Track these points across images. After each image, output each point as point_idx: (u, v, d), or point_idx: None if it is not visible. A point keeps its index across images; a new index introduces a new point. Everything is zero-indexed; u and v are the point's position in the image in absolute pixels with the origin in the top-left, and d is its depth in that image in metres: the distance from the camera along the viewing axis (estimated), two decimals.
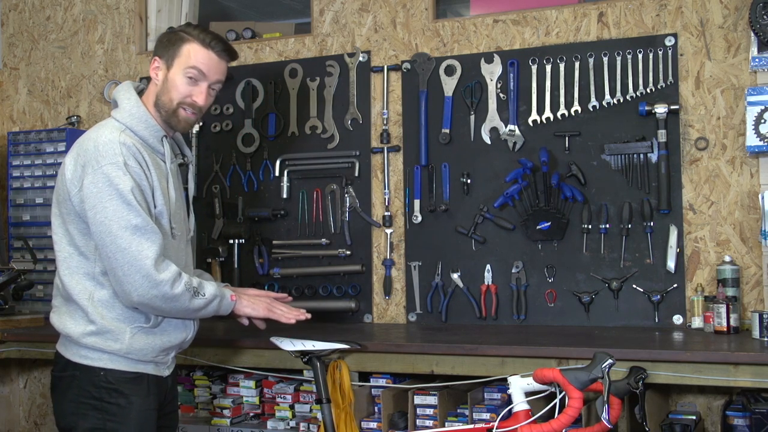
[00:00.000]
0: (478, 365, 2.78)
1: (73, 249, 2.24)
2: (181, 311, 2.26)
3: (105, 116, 4.12)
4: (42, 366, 4.09)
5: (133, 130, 2.28)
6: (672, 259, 3.17)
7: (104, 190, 2.15)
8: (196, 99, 2.34)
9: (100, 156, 2.17)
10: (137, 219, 2.15)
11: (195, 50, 2.31)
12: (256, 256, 3.77)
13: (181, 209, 2.41)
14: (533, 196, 3.35)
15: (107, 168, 2.16)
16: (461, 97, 3.54)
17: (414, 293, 3.55)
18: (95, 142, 2.20)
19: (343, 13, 3.78)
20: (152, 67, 2.35)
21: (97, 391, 2.22)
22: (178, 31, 2.36)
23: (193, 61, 2.31)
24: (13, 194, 4.04)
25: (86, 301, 2.22)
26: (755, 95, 3.02)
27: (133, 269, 2.14)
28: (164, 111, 2.33)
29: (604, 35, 3.37)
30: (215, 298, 2.32)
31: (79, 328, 2.23)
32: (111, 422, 2.22)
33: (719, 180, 3.19)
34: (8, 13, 4.42)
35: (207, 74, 2.33)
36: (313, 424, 3.16)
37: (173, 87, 2.31)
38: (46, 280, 3.94)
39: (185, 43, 2.32)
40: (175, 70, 2.31)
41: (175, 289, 2.19)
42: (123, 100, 2.32)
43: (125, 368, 2.24)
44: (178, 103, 2.32)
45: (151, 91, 2.36)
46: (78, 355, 2.25)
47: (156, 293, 2.17)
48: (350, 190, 3.67)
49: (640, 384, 2.33)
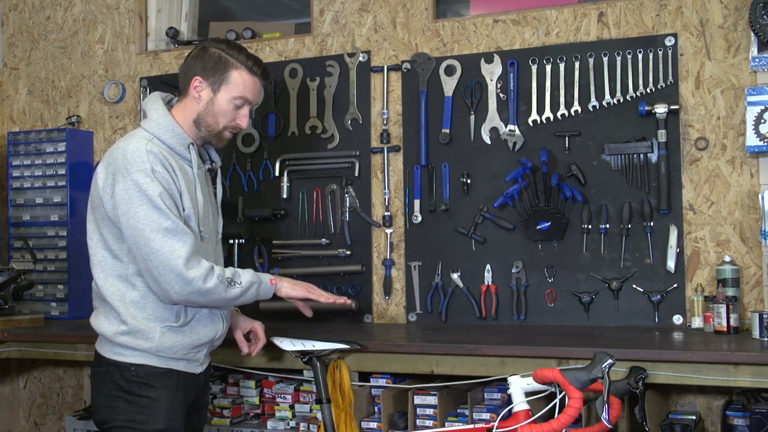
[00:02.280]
0: (478, 365, 2.78)
1: (107, 252, 2.33)
2: (221, 301, 2.36)
3: (105, 116, 4.18)
4: (42, 366, 4.09)
5: (160, 139, 2.36)
6: (672, 259, 3.17)
7: (135, 196, 2.24)
8: (240, 123, 2.45)
9: (128, 164, 2.27)
10: (167, 222, 2.24)
11: (244, 79, 2.40)
12: (256, 256, 3.77)
13: (209, 212, 2.49)
14: (533, 196, 3.35)
15: (136, 175, 2.25)
16: (461, 97, 3.54)
17: (414, 293, 3.55)
18: (124, 151, 2.30)
19: (343, 13, 3.78)
20: (193, 85, 2.41)
21: (127, 385, 2.31)
22: (224, 53, 2.40)
23: (242, 90, 2.41)
24: (13, 194, 4.04)
25: (118, 302, 2.32)
26: (755, 95, 3.02)
27: (167, 269, 2.23)
28: (207, 131, 2.43)
29: (604, 35, 3.37)
30: (252, 285, 2.40)
31: (113, 327, 2.33)
32: (141, 414, 2.31)
33: (719, 180, 3.19)
34: (8, 13, 4.42)
35: (252, 101, 2.46)
36: (313, 424, 3.16)
37: (220, 112, 2.41)
38: (46, 280, 3.94)
39: (233, 70, 2.40)
40: (222, 96, 2.40)
41: (207, 284, 2.28)
42: (151, 110, 2.41)
43: (156, 364, 2.34)
44: (224, 127, 2.44)
45: (190, 107, 2.43)
46: (112, 352, 2.34)
47: (191, 290, 2.26)
48: (350, 190, 3.67)
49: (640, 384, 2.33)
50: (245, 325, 2.72)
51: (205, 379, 2.52)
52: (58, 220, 3.94)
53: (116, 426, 2.31)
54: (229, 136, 2.49)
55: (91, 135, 4.18)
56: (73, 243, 3.88)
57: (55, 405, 4.15)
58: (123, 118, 4.15)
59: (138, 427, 2.30)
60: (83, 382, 4.20)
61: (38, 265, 3.81)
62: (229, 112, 2.42)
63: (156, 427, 2.31)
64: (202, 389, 2.51)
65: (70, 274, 3.90)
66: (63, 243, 3.92)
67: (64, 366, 4.16)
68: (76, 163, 3.99)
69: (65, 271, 3.91)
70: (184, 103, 2.44)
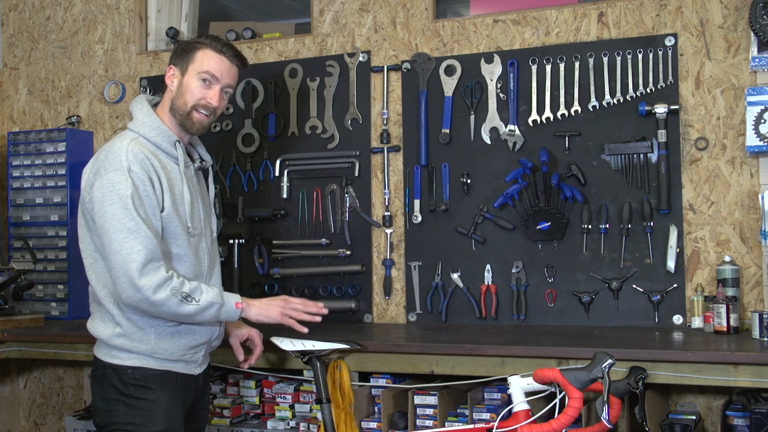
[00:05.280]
0: (478, 365, 2.78)
1: (98, 255, 2.33)
2: (171, 316, 2.30)
3: (105, 116, 4.18)
4: (42, 366, 4.09)
5: (146, 138, 2.38)
6: (672, 259, 3.17)
7: (107, 195, 2.24)
8: (210, 100, 2.44)
9: (107, 163, 2.28)
10: (131, 222, 2.22)
11: (208, 56, 2.44)
12: (256, 256, 3.77)
13: (199, 210, 2.47)
14: (533, 196, 3.35)
15: (112, 174, 2.26)
16: (461, 97, 3.54)
17: (414, 293, 3.55)
18: (107, 151, 2.32)
19: (343, 13, 3.78)
20: (167, 75, 2.47)
21: (125, 388, 2.31)
22: (192, 41, 2.50)
23: (206, 65, 2.42)
24: (13, 194, 4.04)
25: (112, 304, 2.32)
26: (755, 95, 3.02)
27: (121, 272, 2.21)
28: (179, 114, 2.43)
29: (604, 35, 3.37)
30: (212, 306, 2.33)
31: (108, 330, 2.33)
32: (140, 417, 2.30)
33: (719, 180, 3.19)
34: (8, 13, 4.42)
35: (220, 78, 2.44)
36: (313, 424, 3.16)
37: (187, 91, 2.43)
38: (46, 280, 3.95)
39: (198, 50, 2.44)
40: (189, 75, 2.43)
41: (157, 296, 2.22)
42: (136, 110, 2.44)
43: (153, 366, 2.33)
44: (192, 106, 2.42)
45: (166, 99, 2.46)
46: (109, 355, 2.34)
47: (139, 297, 2.22)
48: (350, 190, 3.67)
49: (640, 384, 2.33)
50: (242, 332, 2.70)
51: (204, 380, 2.52)
52: (58, 220, 3.94)
53: (115, 429, 2.31)
54: (202, 120, 2.43)
55: (91, 135, 4.18)
56: (73, 243, 3.88)
57: (55, 405, 4.15)
58: (123, 118, 4.14)
59: (137, 429, 2.30)
60: (83, 382, 4.20)
61: (38, 265, 3.81)
62: (196, 90, 2.41)
63: (155, 429, 2.30)
64: (201, 390, 2.51)
65: (70, 274, 3.90)
66: (63, 243, 3.92)
67: (64, 366, 4.16)
68: (76, 163, 3.98)
69: (65, 271, 3.91)
70: (163, 99, 2.48)
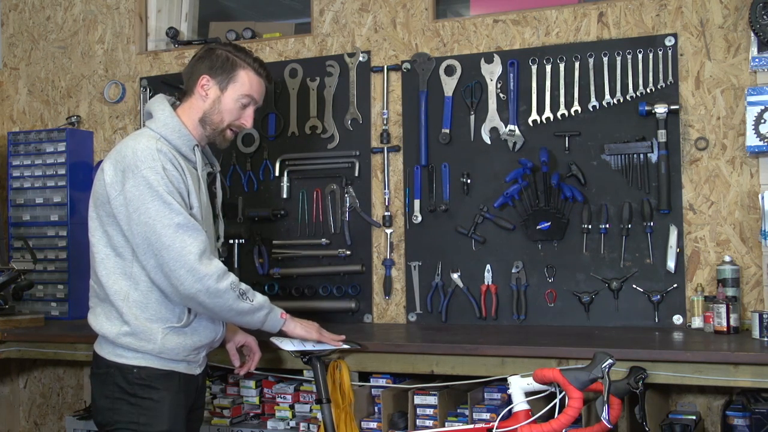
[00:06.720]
0: (478, 365, 2.78)
1: (110, 250, 2.33)
2: (225, 309, 2.33)
3: (105, 116, 4.17)
4: (42, 366, 4.09)
5: (167, 139, 2.38)
6: (672, 259, 3.17)
7: (145, 193, 2.25)
8: (245, 122, 2.50)
9: (139, 161, 2.28)
10: (179, 217, 2.25)
11: (251, 79, 2.47)
12: (256, 256, 3.77)
13: (209, 215, 2.51)
14: (533, 196, 3.35)
15: (146, 172, 2.26)
16: (461, 97, 3.54)
17: (414, 293, 3.55)
18: (133, 149, 2.31)
19: (343, 13, 3.78)
20: (200, 84, 2.45)
21: (130, 387, 2.31)
22: (231, 55, 2.48)
23: (249, 89, 2.47)
24: (13, 194, 4.04)
25: (121, 301, 2.31)
26: (755, 95, 3.02)
27: (177, 264, 2.23)
28: (211, 128, 2.46)
29: (604, 35, 3.37)
30: (263, 309, 2.41)
31: (115, 328, 2.32)
32: (144, 416, 2.31)
33: (719, 180, 3.19)
34: (8, 13, 4.42)
35: (258, 101, 2.52)
36: (313, 424, 3.16)
37: (226, 110, 2.46)
38: (46, 280, 3.95)
39: (241, 69, 2.46)
40: (229, 94, 2.45)
41: (220, 284, 2.27)
42: (157, 111, 2.43)
43: (158, 366, 2.33)
44: (228, 125, 2.47)
45: (195, 106, 2.46)
46: (113, 354, 2.34)
47: (200, 287, 2.24)
48: (350, 190, 3.67)
49: (640, 384, 2.33)
50: (238, 338, 2.72)
51: (202, 380, 2.53)
52: (58, 220, 3.94)
53: (119, 428, 2.31)
54: (231, 136, 2.52)
55: (91, 135, 4.18)
56: (73, 243, 3.89)
57: (55, 405, 4.15)
58: (123, 118, 4.15)
59: (141, 429, 2.30)
60: (83, 382, 4.20)
61: (38, 265, 3.81)
62: (234, 111, 2.46)
63: (159, 429, 2.31)
64: (200, 390, 2.52)
65: (70, 274, 3.90)
66: (63, 243, 3.92)
67: (64, 366, 4.16)
68: (76, 163, 3.99)
69: (65, 271, 3.91)
70: (189, 103, 2.47)
